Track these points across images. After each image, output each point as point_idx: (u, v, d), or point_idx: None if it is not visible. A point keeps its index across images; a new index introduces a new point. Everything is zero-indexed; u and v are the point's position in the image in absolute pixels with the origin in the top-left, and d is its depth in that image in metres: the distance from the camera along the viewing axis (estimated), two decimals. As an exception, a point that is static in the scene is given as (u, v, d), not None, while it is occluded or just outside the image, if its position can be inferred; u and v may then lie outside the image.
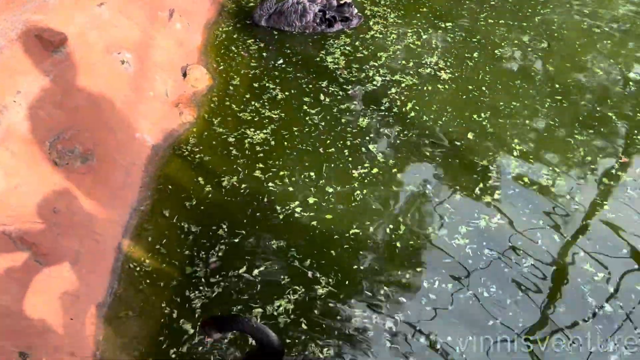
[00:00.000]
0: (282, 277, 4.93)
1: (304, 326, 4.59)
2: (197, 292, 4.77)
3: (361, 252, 5.12)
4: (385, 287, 4.89)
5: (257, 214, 5.39)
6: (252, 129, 6.20)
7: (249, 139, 6.10)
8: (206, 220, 5.28)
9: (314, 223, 5.28)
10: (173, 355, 4.38)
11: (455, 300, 4.80)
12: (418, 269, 5.02)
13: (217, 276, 4.88)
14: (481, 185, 6.14)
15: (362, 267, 4.97)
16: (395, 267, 4.99)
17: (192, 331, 4.47)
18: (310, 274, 4.89)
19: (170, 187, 5.65)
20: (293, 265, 4.98)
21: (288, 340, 4.49)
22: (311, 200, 5.49)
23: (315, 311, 4.63)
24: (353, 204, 5.43)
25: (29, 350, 4.19)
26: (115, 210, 5.54)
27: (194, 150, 6.01)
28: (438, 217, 5.46)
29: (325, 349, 4.40)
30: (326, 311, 4.64)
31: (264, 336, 3.34)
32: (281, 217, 5.38)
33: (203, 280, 4.85)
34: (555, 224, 5.74)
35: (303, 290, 4.81)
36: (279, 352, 3.39)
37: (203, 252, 5.05)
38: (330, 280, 4.90)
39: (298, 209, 5.42)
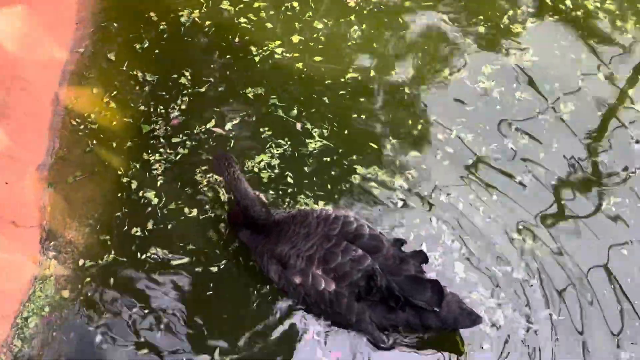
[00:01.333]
0: (262, 129, 4.22)
1: (290, 180, 3.99)
2: (157, 154, 4.10)
3: (361, 100, 4.38)
4: (392, 140, 4.20)
5: (227, 56, 4.55)
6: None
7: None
8: (164, 66, 4.48)
9: (300, 66, 4.50)
10: (135, 231, 3.82)
11: (478, 153, 4.14)
12: (432, 118, 4.29)
13: (181, 135, 4.17)
14: (510, 12, 4.93)
15: (362, 117, 4.27)
16: (404, 116, 4.31)
17: (155, 200, 3.88)
18: (298, 125, 4.21)
19: (115, 25, 4.72)
20: (275, 115, 4.28)
21: (271, 192, 3.95)
22: (295, 38, 4.65)
23: (306, 168, 4.03)
24: (350, 43, 4.64)
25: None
26: (46, 50, 4.47)
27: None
28: (457, 56, 4.63)
29: (322, 202, 3.86)
30: (319, 168, 4.02)
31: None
32: (257, 59, 4.53)
33: (163, 140, 4.17)
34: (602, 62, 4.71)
35: (289, 143, 4.13)
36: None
37: (162, 107, 4.31)
38: (324, 131, 4.20)
39: (279, 50, 4.58)
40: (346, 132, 4.22)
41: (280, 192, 3.94)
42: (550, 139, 4.24)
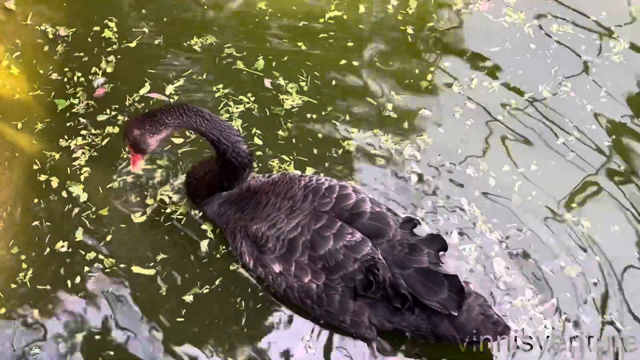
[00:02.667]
0: (216, 88, 3.68)
1: (258, 140, 3.48)
2: (79, 138, 3.48)
3: (350, 45, 3.86)
4: (396, 96, 3.63)
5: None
6: None
7: None
8: (81, 16, 3.93)
9: (263, 6, 4.02)
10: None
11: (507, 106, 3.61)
12: (445, 65, 3.75)
13: (108, 110, 3.56)
14: None
15: (354, 65, 3.79)
16: (408, 64, 3.80)
17: (84, 196, 3.28)
18: (267, 82, 3.67)
19: (11, -39, 4.11)
20: (234, 69, 3.75)
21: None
22: None
23: (281, 131, 3.52)
24: None
25: None
26: None
27: None
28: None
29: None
30: (300, 129, 3.52)
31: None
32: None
33: (85, 119, 3.53)
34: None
35: (253, 99, 3.62)
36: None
37: (81, 73, 3.71)
38: (302, 86, 3.69)
39: None
40: (334, 83, 3.70)
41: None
42: (602, 84, 3.68)
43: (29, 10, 3.90)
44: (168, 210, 3.17)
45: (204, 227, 3.10)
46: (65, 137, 3.42)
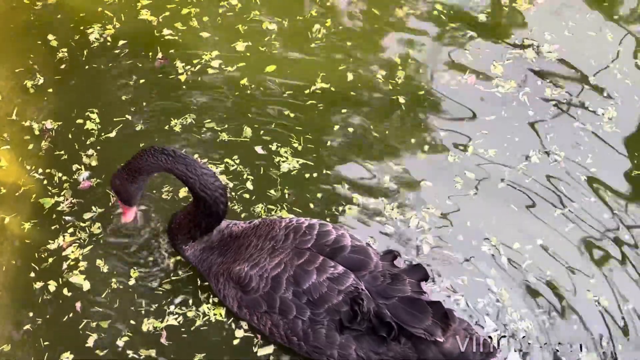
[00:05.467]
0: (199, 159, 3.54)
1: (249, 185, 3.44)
2: (68, 235, 3.29)
3: (344, 111, 3.75)
4: (395, 167, 3.50)
5: (142, 81, 3.85)
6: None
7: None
8: (65, 108, 3.77)
9: (245, 82, 3.87)
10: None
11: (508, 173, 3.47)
12: (441, 137, 3.61)
13: (95, 206, 3.39)
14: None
15: (349, 131, 3.66)
16: (402, 133, 3.66)
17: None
18: (258, 148, 3.56)
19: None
20: (220, 142, 3.62)
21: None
22: (240, 45, 4.00)
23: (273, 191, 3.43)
24: (312, 45, 4.04)
25: None
26: None
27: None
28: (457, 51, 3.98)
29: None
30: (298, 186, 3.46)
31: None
32: (183, 79, 3.86)
33: (70, 217, 3.34)
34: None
35: (248, 169, 3.52)
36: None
37: (61, 173, 3.51)
38: (296, 147, 3.59)
39: (215, 63, 3.92)
40: (328, 144, 3.61)
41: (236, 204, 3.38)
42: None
43: (13, 105, 3.75)
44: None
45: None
46: (53, 238, 3.21)
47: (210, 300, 3.01)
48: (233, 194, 3.35)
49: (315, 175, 3.42)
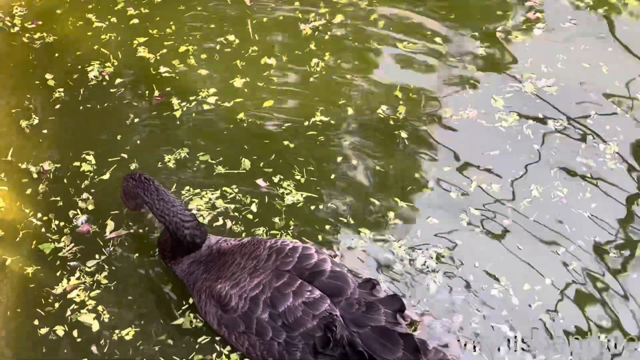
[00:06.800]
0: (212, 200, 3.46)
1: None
2: (73, 277, 3.20)
3: (346, 143, 3.69)
4: (400, 203, 3.41)
5: (137, 119, 3.80)
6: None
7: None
8: (61, 150, 3.72)
9: (242, 116, 3.82)
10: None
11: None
12: (443, 172, 3.53)
13: (97, 255, 3.28)
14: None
15: (352, 164, 3.61)
16: (406, 169, 3.60)
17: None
18: (260, 181, 3.51)
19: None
20: (216, 175, 3.56)
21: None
22: (238, 82, 3.96)
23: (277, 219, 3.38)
24: (312, 78, 4.00)
25: None
26: None
27: (29, 28, 4.30)
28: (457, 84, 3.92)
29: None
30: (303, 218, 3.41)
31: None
32: (178, 114, 3.81)
33: (73, 263, 3.24)
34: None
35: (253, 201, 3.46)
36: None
37: (59, 220, 3.42)
38: (298, 178, 3.51)
39: (211, 100, 3.87)
40: (332, 177, 3.55)
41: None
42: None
43: (9, 146, 3.68)
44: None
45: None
46: (56, 283, 3.11)
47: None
48: (236, 214, 3.34)
49: (320, 207, 3.37)
